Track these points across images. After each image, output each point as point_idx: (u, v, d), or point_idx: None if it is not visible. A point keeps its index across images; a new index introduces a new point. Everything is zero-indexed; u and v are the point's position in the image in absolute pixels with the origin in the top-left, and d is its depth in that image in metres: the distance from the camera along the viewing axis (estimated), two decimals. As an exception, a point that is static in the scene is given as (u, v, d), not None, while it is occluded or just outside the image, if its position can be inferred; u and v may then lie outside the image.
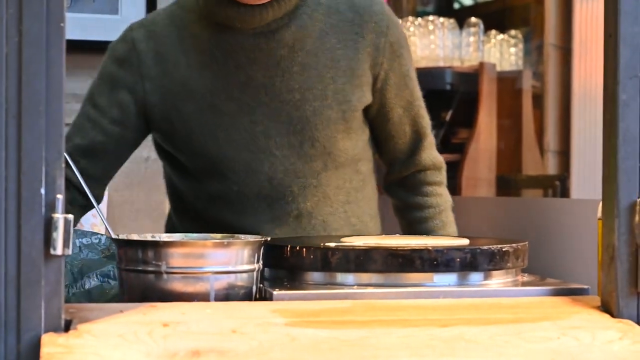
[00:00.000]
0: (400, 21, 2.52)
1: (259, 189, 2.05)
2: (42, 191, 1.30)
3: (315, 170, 2.07)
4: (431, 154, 2.22)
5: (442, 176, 2.25)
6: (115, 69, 2.08)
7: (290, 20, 2.02)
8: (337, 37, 2.06)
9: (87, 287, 1.71)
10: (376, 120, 2.15)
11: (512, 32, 6.56)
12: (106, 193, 3.13)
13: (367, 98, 2.09)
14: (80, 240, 1.79)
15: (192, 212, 2.13)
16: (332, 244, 1.66)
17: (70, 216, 1.30)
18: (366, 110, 2.14)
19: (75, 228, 1.38)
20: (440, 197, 2.22)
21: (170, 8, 2.13)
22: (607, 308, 1.47)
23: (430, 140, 2.21)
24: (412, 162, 2.20)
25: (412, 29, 4.98)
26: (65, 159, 1.26)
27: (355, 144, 2.11)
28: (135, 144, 2.18)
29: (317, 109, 2.03)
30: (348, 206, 2.12)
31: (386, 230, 2.23)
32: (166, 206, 3.49)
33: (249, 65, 2.02)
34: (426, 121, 2.20)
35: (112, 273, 1.73)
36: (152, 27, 2.09)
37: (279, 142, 2.03)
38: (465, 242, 1.76)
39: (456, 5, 7.19)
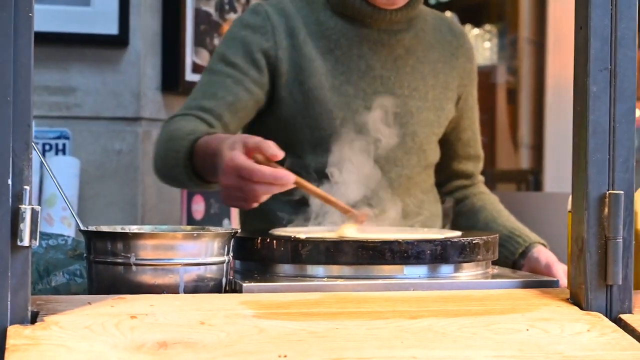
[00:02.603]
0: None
1: (362, 168, 2.09)
2: (9, 182, 1.29)
3: (411, 163, 2.23)
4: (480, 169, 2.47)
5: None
6: (250, 34, 2.17)
7: (409, 27, 2.22)
8: (439, 53, 2.28)
9: (53, 284, 1.70)
10: (450, 137, 2.36)
11: (487, 26, 6.60)
12: (77, 185, 3.12)
13: (453, 112, 2.31)
14: (46, 241, 1.78)
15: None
16: (303, 236, 1.66)
17: (38, 207, 1.30)
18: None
19: (41, 231, 1.37)
20: (490, 195, 2.45)
21: (280, 2, 2.25)
22: (575, 300, 1.48)
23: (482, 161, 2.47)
24: (472, 180, 2.44)
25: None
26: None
27: (437, 152, 2.32)
28: (261, 107, 2.23)
29: (420, 108, 2.22)
30: (420, 203, 2.18)
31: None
32: (139, 199, 3.49)
33: (370, 56, 2.18)
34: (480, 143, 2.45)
35: (79, 271, 1.72)
36: (282, 6, 2.22)
37: (385, 130, 2.12)
38: (457, 233, 1.78)
39: (432, 1, 7.21)
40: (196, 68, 3.67)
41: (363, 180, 2.04)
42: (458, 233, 1.79)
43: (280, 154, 1.72)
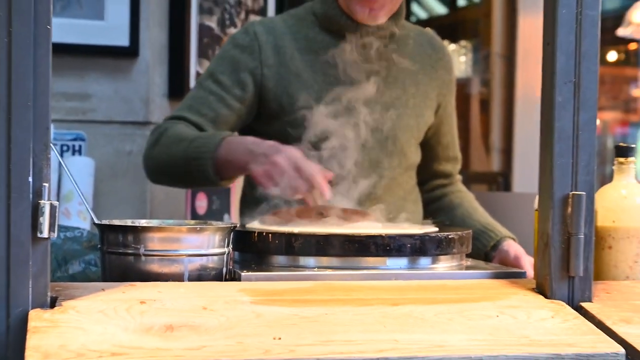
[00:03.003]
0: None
1: (346, 172, 2.10)
2: (30, 179, 1.29)
3: (392, 165, 2.23)
4: (458, 169, 2.48)
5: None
6: (238, 54, 2.17)
7: (391, 42, 2.21)
8: (419, 65, 2.27)
9: (71, 272, 1.70)
10: (430, 140, 2.35)
11: (463, 42, 6.60)
12: (92, 183, 3.12)
13: (432, 118, 2.30)
14: (64, 233, 1.78)
15: None
16: (295, 230, 1.66)
17: (56, 202, 1.30)
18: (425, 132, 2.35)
19: (59, 224, 1.38)
20: (467, 193, 2.45)
21: (283, 17, 2.28)
22: (541, 290, 1.48)
23: (460, 162, 2.48)
24: (451, 179, 2.44)
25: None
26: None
27: (418, 154, 2.32)
28: (246, 120, 2.24)
29: (400, 115, 2.21)
30: (402, 202, 2.18)
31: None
32: (148, 195, 3.48)
33: (354, 69, 2.16)
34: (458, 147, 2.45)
35: (93, 261, 1.72)
36: (271, 25, 2.22)
37: (368, 135, 2.14)
38: (434, 229, 1.78)
39: (413, 19, 7.21)
40: (199, 77, 3.66)
41: (349, 180, 2.05)
42: (436, 229, 1.79)
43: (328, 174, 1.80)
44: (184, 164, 1.99)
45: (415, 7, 7.55)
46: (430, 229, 1.78)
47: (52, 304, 1.31)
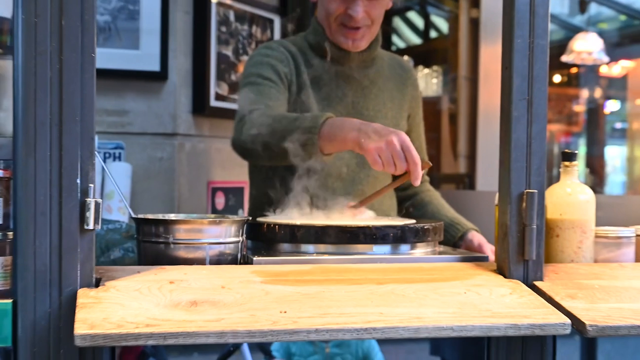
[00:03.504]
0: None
1: (338, 171, 2.10)
2: (78, 181, 1.29)
3: None
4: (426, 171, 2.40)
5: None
6: (273, 60, 2.10)
7: (372, 65, 2.20)
8: (393, 83, 2.25)
9: (112, 257, 1.70)
10: None
11: (435, 67, 6.60)
12: (129, 184, 3.11)
13: (405, 127, 2.27)
14: (106, 225, 1.78)
15: (288, 189, 2.09)
16: (297, 222, 1.66)
17: (100, 200, 1.29)
18: None
19: (103, 217, 1.37)
20: (435, 191, 2.39)
21: (284, 42, 2.21)
22: (501, 271, 1.48)
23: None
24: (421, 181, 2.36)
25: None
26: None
27: None
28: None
29: (381, 124, 2.10)
30: (382, 197, 2.18)
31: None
32: (175, 194, 3.48)
33: (344, 87, 2.15)
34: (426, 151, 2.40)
35: (131, 248, 1.71)
36: (286, 47, 2.17)
37: None
38: (412, 221, 1.77)
39: (393, 48, 7.21)
40: (218, 96, 3.66)
41: (340, 175, 2.05)
42: (413, 221, 1.79)
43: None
44: (288, 138, 1.83)
45: (395, 38, 7.54)
46: (408, 221, 1.78)
47: (97, 284, 1.31)
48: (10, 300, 1.28)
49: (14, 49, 1.29)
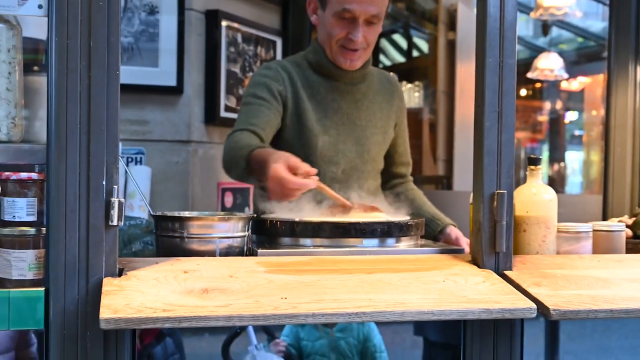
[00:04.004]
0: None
1: (333, 175, 2.09)
2: (104, 182, 1.28)
3: (367, 169, 2.17)
4: (410, 172, 2.39)
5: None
6: (269, 80, 2.10)
7: (363, 80, 2.18)
8: (382, 96, 2.22)
9: (133, 250, 1.69)
10: (390, 150, 2.27)
11: (417, 82, 6.60)
12: (149, 185, 3.10)
13: (392, 134, 2.25)
14: (129, 221, 1.77)
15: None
16: (296, 219, 1.65)
17: (122, 199, 1.29)
18: None
19: (125, 214, 1.37)
20: (418, 190, 2.36)
21: (285, 62, 2.20)
22: (475, 262, 1.47)
23: (411, 166, 2.40)
24: (405, 179, 2.35)
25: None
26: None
27: (382, 161, 2.25)
28: (279, 126, 2.14)
29: (372, 133, 2.17)
30: (372, 196, 2.15)
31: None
32: (189, 193, 3.47)
33: (339, 100, 2.14)
34: (410, 154, 2.37)
35: (150, 242, 1.70)
36: (283, 66, 2.16)
37: (350, 148, 2.12)
38: (408, 217, 1.75)
39: (380, 65, 7.21)
40: (227, 108, 3.65)
41: (336, 178, 2.04)
42: (398, 217, 1.78)
43: (312, 171, 1.71)
44: (233, 162, 1.91)
45: (382, 57, 7.55)
46: (394, 217, 1.77)
47: (120, 274, 1.30)
48: (43, 288, 1.27)
49: (48, 67, 1.29)
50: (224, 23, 3.63)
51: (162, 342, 2.47)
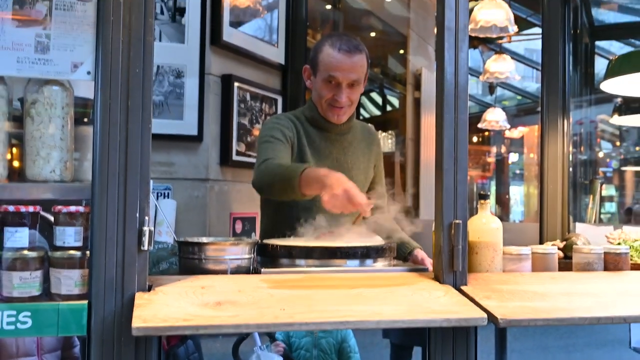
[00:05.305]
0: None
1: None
2: (137, 215, 1.27)
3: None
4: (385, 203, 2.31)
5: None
6: (282, 127, 2.07)
7: (349, 131, 2.16)
8: (364, 143, 2.21)
9: (160, 269, 1.67)
10: (370, 186, 2.24)
11: (390, 132, 6.64)
12: (174, 215, 3.08)
13: (372, 174, 2.23)
14: (157, 245, 1.75)
15: (287, 219, 2.05)
16: (293, 244, 1.64)
17: (152, 228, 1.28)
18: None
19: (155, 239, 1.35)
20: (390, 218, 2.28)
21: (290, 115, 2.18)
22: (437, 279, 1.46)
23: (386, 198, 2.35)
24: (382, 210, 2.21)
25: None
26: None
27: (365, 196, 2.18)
28: None
29: (357, 174, 2.15)
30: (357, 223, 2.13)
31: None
32: (207, 222, 3.44)
33: (331, 148, 2.12)
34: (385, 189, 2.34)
35: (174, 261, 1.68)
36: (289, 117, 2.14)
37: None
38: (383, 242, 1.72)
39: (360, 117, 7.26)
40: (238, 152, 3.65)
41: (330, 212, 2.02)
42: (376, 241, 1.77)
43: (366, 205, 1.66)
44: (281, 180, 1.82)
45: (362, 110, 7.59)
46: (372, 242, 1.76)
47: (149, 289, 1.29)
48: (86, 302, 1.25)
49: (94, 120, 1.28)
50: (235, 84, 3.65)
51: (185, 343, 2.44)
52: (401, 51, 6.54)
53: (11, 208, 1.29)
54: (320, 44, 2.08)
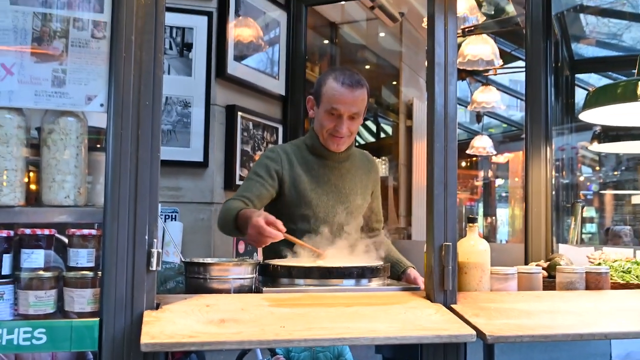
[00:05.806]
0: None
1: (326, 229, 2.04)
2: (146, 237, 1.27)
3: (351, 226, 2.12)
4: (382, 226, 2.35)
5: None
6: (269, 162, 2.09)
7: (347, 159, 2.16)
8: (362, 170, 2.21)
9: (168, 287, 1.66)
10: (367, 210, 2.24)
11: (384, 157, 6.66)
12: (181, 237, 3.07)
13: (369, 199, 2.22)
14: (165, 265, 1.75)
15: (286, 240, 2.07)
16: (292, 264, 1.63)
17: (160, 250, 1.27)
18: None
19: (163, 260, 1.35)
20: (387, 240, 2.31)
21: (288, 145, 2.19)
22: (429, 297, 1.46)
23: (382, 222, 2.35)
24: (378, 232, 2.31)
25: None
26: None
27: (362, 220, 2.21)
28: (272, 197, 2.10)
29: (355, 199, 2.14)
30: (353, 246, 2.12)
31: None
32: (211, 243, 3.44)
33: (330, 174, 2.12)
34: (382, 213, 2.34)
35: (181, 281, 1.68)
36: (284, 149, 2.15)
37: (338, 209, 2.08)
38: (377, 263, 1.72)
39: (356, 144, 7.28)
40: (240, 178, 3.65)
41: (328, 235, 2.02)
42: (372, 262, 1.76)
43: (282, 228, 1.68)
44: (224, 219, 1.91)
45: (357, 137, 7.62)
46: (368, 262, 1.76)
47: (157, 307, 1.28)
48: (97, 319, 1.25)
49: (106, 148, 1.29)
50: (239, 114, 3.67)
51: (189, 356, 2.41)
52: (394, 82, 6.60)
53: (28, 231, 1.29)
54: (324, 77, 2.10)
